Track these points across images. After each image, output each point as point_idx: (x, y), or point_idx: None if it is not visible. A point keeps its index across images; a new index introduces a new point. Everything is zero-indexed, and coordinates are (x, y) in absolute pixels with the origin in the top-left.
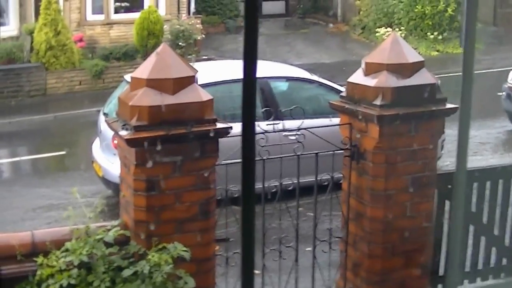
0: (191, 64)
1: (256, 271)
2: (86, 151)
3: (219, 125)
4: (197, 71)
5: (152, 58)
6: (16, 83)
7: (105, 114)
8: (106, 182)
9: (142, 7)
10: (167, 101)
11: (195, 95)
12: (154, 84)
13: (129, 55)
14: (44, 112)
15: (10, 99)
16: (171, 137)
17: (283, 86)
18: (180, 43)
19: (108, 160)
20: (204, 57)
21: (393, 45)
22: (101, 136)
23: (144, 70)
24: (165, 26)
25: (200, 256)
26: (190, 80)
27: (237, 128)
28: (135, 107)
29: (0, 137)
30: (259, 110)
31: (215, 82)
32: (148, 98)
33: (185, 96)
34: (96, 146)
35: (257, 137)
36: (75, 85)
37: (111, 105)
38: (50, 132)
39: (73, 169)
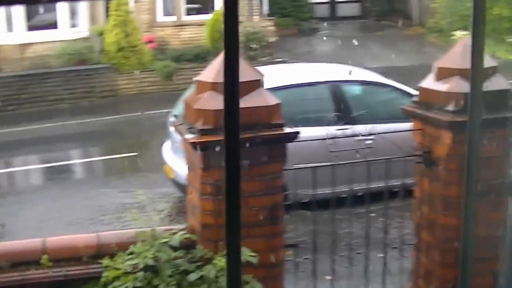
0: (258, 66)
1: (327, 277)
2: (157, 153)
3: (287, 130)
4: (263, 75)
5: (217, 62)
6: (88, 84)
7: (175, 116)
8: (177, 184)
9: (213, 8)
10: None
11: (262, 99)
12: (219, 87)
13: (201, 57)
14: (115, 113)
15: (82, 99)
16: None
17: (356, 90)
18: (252, 46)
19: (179, 162)
20: (277, 59)
21: (465, 49)
22: (172, 138)
23: (209, 73)
24: None
25: (269, 262)
26: (256, 84)
27: (308, 132)
28: (200, 111)
29: (72, 138)
30: (330, 114)
31: (286, 85)
32: (213, 101)
33: (252, 100)
34: (166, 148)
35: (327, 142)
36: (146, 86)
37: (181, 107)
38: (122, 133)
39: (144, 171)
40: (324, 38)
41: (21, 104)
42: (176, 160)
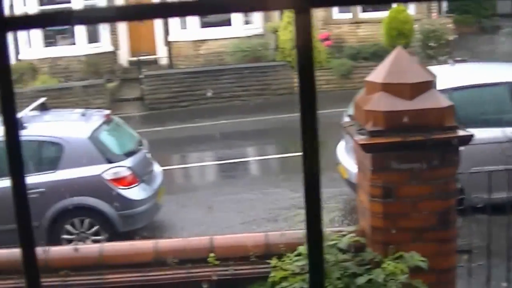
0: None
1: (503, 284)
2: (332, 152)
3: (460, 133)
4: (436, 76)
5: (387, 62)
6: (263, 81)
7: (349, 116)
8: (351, 184)
9: (390, 5)
10: (404, 107)
11: (434, 101)
12: (390, 88)
13: (378, 55)
14: (291, 111)
15: (257, 97)
16: (409, 144)
17: None
18: (430, 44)
19: (353, 163)
20: (457, 58)
21: None
22: (346, 137)
23: (379, 74)
24: (415, 26)
25: (440, 267)
26: (428, 85)
27: (485, 134)
28: (370, 112)
29: (247, 135)
30: (510, 116)
31: (464, 86)
32: (384, 103)
33: (423, 102)
34: (341, 147)
35: (504, 145)
36: (322, 85)
37: None
38: (297, 132)
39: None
40: (507, 36)
41: (195, 101)
42: (350, 159)
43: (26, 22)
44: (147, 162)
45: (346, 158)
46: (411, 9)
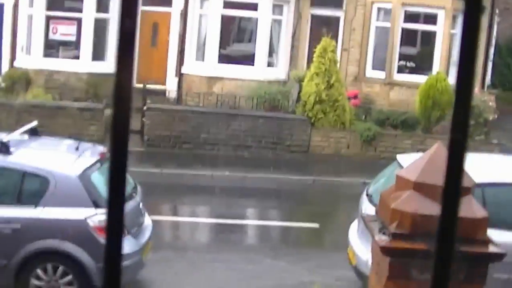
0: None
1: None
2: (341, 229)
3: (491, 249)
4: (474, 182)
5: (423, 158)
6: (277, 134)
7: (368, 195)
8: (359, 273)
9: (430, 70)
10: (433, 211)
11: (468, 210)
12: (422, 189)
13: (408, 125)
14: (303, 172)
15: (268, 150)
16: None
17: None
18: None
19: (364, 249)
20: (493, 141)
21: None
22: (361, 219)
23: (413, 170)
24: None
25: None
26: (464, 192)
27: None
28: (396, 211)
29: (251, 193)
30: None
31: (502, 182)
32: (413, 204)
33: None
34: (354, 228)
35: None
36: (342, 148)
37: (378, 185)
38: (306, 198)
39: (323, 248)
40: None
41: (199, 144)
42: (361, 245)
43: None
44: (139, 213)
45: (357, 242)
46: (452, 79)
